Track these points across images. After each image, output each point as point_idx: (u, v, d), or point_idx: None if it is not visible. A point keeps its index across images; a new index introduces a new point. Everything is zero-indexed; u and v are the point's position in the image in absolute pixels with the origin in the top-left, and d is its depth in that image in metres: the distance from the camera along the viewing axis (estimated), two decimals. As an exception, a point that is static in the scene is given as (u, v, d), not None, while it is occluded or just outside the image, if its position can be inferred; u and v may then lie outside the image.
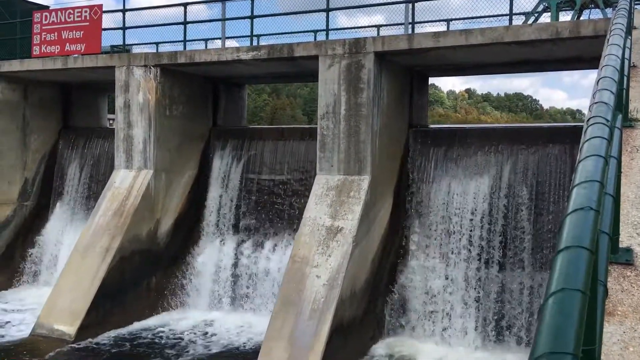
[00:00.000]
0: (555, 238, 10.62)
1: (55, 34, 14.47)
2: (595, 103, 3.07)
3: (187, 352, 10.82)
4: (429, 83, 14.44)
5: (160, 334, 11.77)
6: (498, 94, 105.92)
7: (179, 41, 14.49)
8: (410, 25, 11.78)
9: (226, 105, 15.35)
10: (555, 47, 10.24)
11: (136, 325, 12.23)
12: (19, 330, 11.80)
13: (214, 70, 13.63)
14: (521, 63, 12.04)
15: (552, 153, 11.07)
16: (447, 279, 11.20)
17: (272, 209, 13.52)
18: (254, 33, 13.74)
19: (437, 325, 11.06)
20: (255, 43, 13.90)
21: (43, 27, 14.65)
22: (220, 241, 13.69)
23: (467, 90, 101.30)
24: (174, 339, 11.53)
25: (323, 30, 12.84)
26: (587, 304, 1.55)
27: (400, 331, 11.27)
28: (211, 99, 14.88)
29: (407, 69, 12.38)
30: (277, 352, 9.45)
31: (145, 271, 12.87)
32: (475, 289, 10.97)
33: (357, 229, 10.37)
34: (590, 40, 9.51)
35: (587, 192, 2.04)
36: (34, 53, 14.78)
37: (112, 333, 11.70)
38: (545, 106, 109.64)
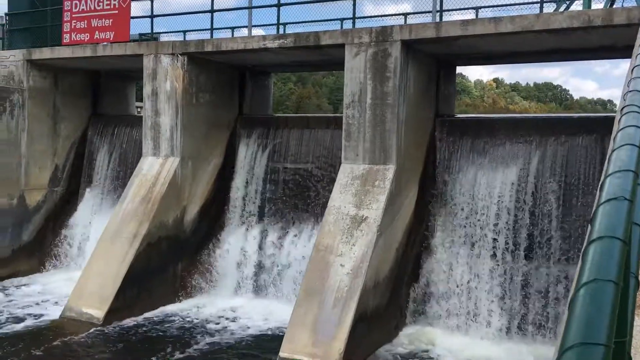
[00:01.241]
0: (584, 230, 10.45)
1: (85, 22, 14.65)
2: (630, 91, 2.99)
3: (211, 337, 10.96)
4: (456, 72, 14.26)
5: (186, 319, 11.94)
6: (527, 83, 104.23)
7: (206, 29, 14.55)
8: (438, 13, 11.63)
9: (252, 94, 15.40)
10: (587, 36, 10.02)
11: (162, 310, 12.42)
12: (49, 313, 12.08)
13: (240, 59, 13.67)
14: (551, 52, 11.81)
15: (582, 144, 10.87)
16: (471, 269, 11.12)
17: (297, 197, 13.56)
18: (281, 21, 13.71)
19: (461, 315, 11.01)
20: (281, 31, 13.88)
21: (73, 15, 14.85)
22: (245, 229, 13.79)
23: (495, 80, 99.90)
24: (199, 324, 11.68)
25: (350, 18, 12.76)
26: (619, 295, 1.52)
27: (424, 321, 11.25)
28: (237, 87, 14.94)
29: (434, 58, 12.25)
30: (301, 340, 9.51)
31: (172, 257, 13.05)
32: (500, 280, 10.87)
33: (382, 218, 10.34)
34: (624, 29, 9.27)
35: (621, 181, 2.00)
36: (64, 41, 14.99)
37: (139, 317, 11.91)
38: (576, 96, 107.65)
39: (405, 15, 13.53)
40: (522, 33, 9.90)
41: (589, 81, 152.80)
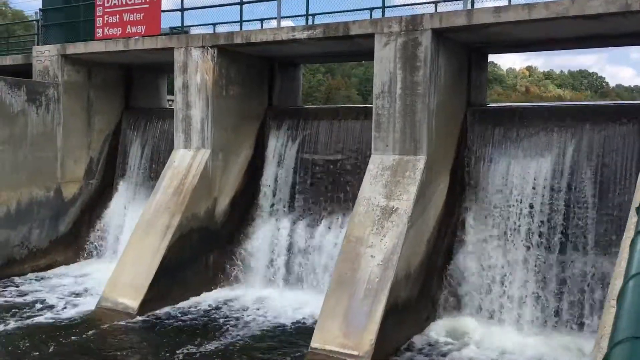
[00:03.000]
0: (621, 220, 10.19)
1: (117, 16, 14.85)
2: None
3: (243, 327, 11.07)
4: (488, 60, 14.00)
5: (217, 310, 12.08)
6: (561, 71, 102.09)
7: (235, 22, 14.59)
8: (469, 0, 11.42)
9: (281, 85, 15.41)
10: (625, 21, 9.71)
11: (195, 301, 12.59)
12: (86, 303, 12.36)
13: (269, 50, 13.68)
14: (587, 38, 11.51)
15: (619, 132, 10.57)
16: (504, 261, 10.97)
17: (327, 188, 13.55)
18: (310, 12, 13.66)
19: (494, 307, 10.88)
20: (310, 22, 13.83)
21: (105, 10, 15.06)
22: (276, 220, 13.85)
23: (528, 68, 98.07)
24: (231, 314, 11.81)
25: (379, 7, 12.63)
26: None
27: (456, 313, 11.15)
28: (267, 79, 14.96)
29: (465, 46, 12.05)
30: (332, 331, 9.53)
31: (204, 248, 13.20)
32: (534, 271, 10.69)
33: (412, 209, 10.27)
34: (664, 13, 8.96)
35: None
36: (97, 35, 15.23)
37: (172, 307, 12.10)
38: (612, 84, 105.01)
39: (436, 3, 13.33)
40: (556, 19, 9.66)
41: (626, 68, 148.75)
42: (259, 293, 12.98)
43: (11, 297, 12.89)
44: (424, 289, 10.78)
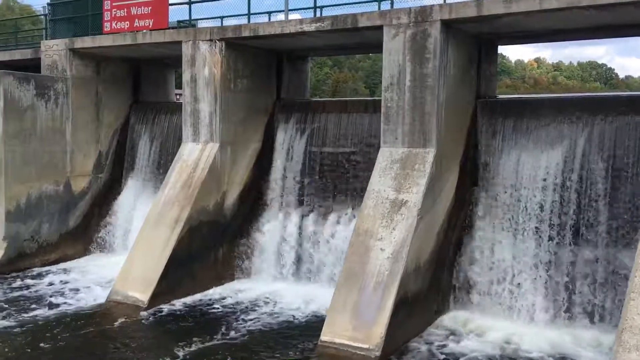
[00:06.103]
0: (633, 212, 10.12)
1: (125, 10, 14.84)
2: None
3: (252, 321, 11.07)
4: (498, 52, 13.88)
5: (227, 303, 12.10)
6: (570, 62, 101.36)
7: (243, 15, 14.54)
8: (479, -9, 11.30)
9: (289, 78, 15.36)
10: (637, 11, 9.59)
11: (204, 294, 12.62)
12: (96, 296, 12.41)
13: (277, 43, 13.63)
14: (598, 28, 11.37)
15: (632, 123, 10.45)
16: (515, 253, 10.90)
17: (336, 181, 13.51)
18: (317, 4, 13.58)
19: (504, 300, 10.83)
20: (318, 14, 13.76)
21: (113, 4, 15.06)
22: (285, 213, 13.84)
23: (537, 60, 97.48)
24: (240, 308, 11.82)
25: (388, -1, 12.52)
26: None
27: (466, 305, 11.11)
28: (275, 72, 14.92)
29: (475, 37, 11.95)
30: (342, 324, 9.53)
31: (213, 242, 13.21)
32: (545, 265, 10.62)
33: (422, 202, 10.22)
34: (678, 2, 8.84)
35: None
36: (105, 29, 15.23)
37: (182, 301, 12.12)
38: (621, 75, 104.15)
39: (445, -6, 13.19)
40: (567, 9, 9.55)
41: (636, 59, 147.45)
42: (268, 287, 12.99)
43: (21, 290, 12.97)
44: (433, 282, 10.74)
